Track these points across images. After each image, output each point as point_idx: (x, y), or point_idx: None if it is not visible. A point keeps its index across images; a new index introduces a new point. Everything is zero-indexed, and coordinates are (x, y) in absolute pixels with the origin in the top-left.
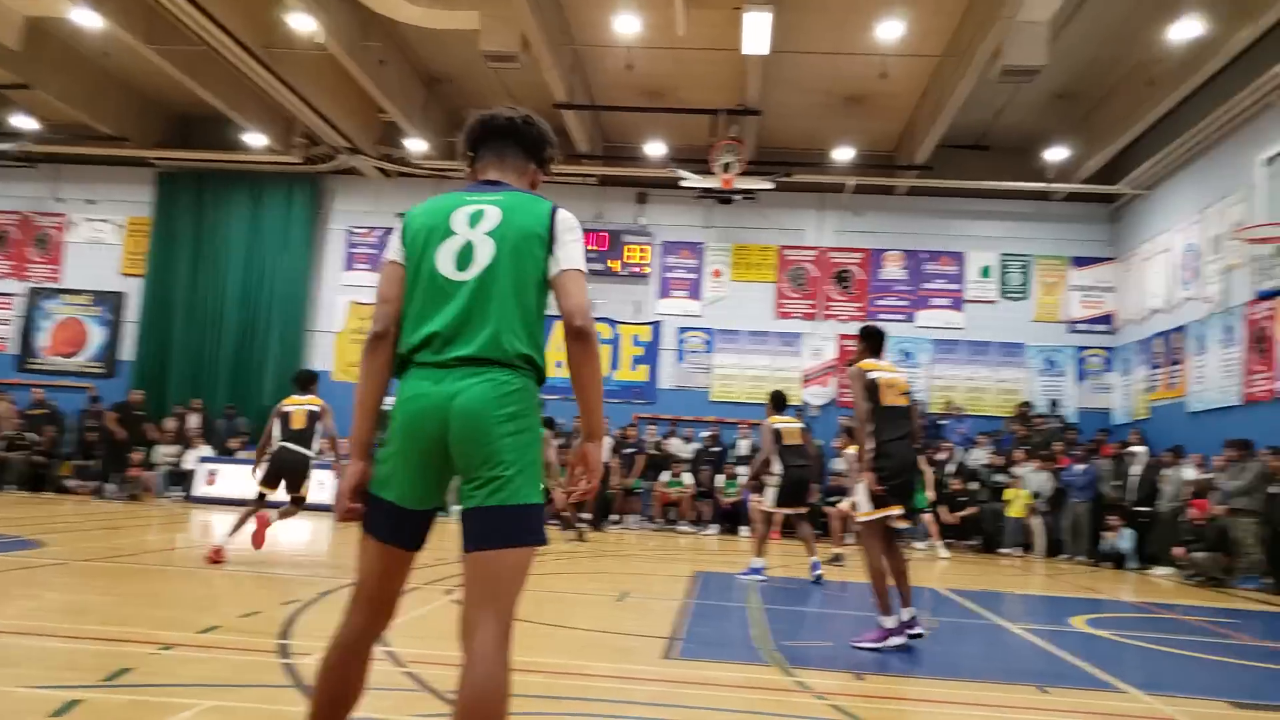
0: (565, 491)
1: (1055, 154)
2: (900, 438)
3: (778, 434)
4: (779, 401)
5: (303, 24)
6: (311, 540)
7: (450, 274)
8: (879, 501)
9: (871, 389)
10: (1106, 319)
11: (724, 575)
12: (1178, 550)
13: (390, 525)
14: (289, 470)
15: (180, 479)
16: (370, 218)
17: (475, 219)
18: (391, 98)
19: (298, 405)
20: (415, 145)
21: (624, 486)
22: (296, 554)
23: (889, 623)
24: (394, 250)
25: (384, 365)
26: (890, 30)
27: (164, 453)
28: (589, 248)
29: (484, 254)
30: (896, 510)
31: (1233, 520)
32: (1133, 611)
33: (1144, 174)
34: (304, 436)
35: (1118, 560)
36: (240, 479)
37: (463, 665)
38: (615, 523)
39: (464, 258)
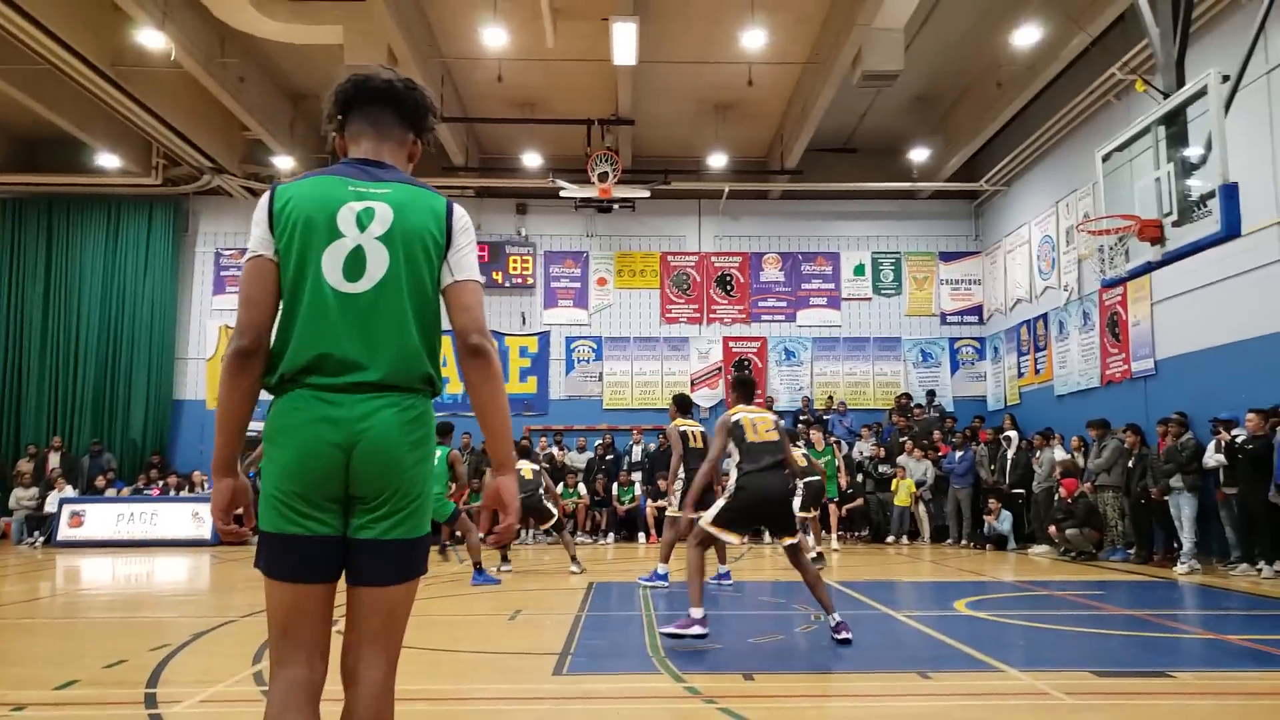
0: (482, 534)
1: (918, 154)
2: (764, 469)
3: (684, 436)
4: (683, 405)
5: (153, 40)
6: (189, 578)
7: (340, 286)
8: (723, 523)
9: (736, 430)
10: (976, 310)
11: (621, 585)
12: (1052, 529)
13: (296, 561)
14: None
15: (40, 523)
16: (239, 239)
17: (364, 219)
18: (255, 115)
19: None
20: (283, 163)
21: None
22: (168, 593)
23: (696, 612)
24: (261, 241)
25: (253, 384)
26: (754, 39)
27: (20, 496)
28: None
29: (377, 263)
30: (733, 538)
31: (1098, 496)
32: (1011, 591)
33: (1001, 171)
34: None
35: (999, 542)
36: (109, 519)
37: (348, 704)
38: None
39: (354, 266)
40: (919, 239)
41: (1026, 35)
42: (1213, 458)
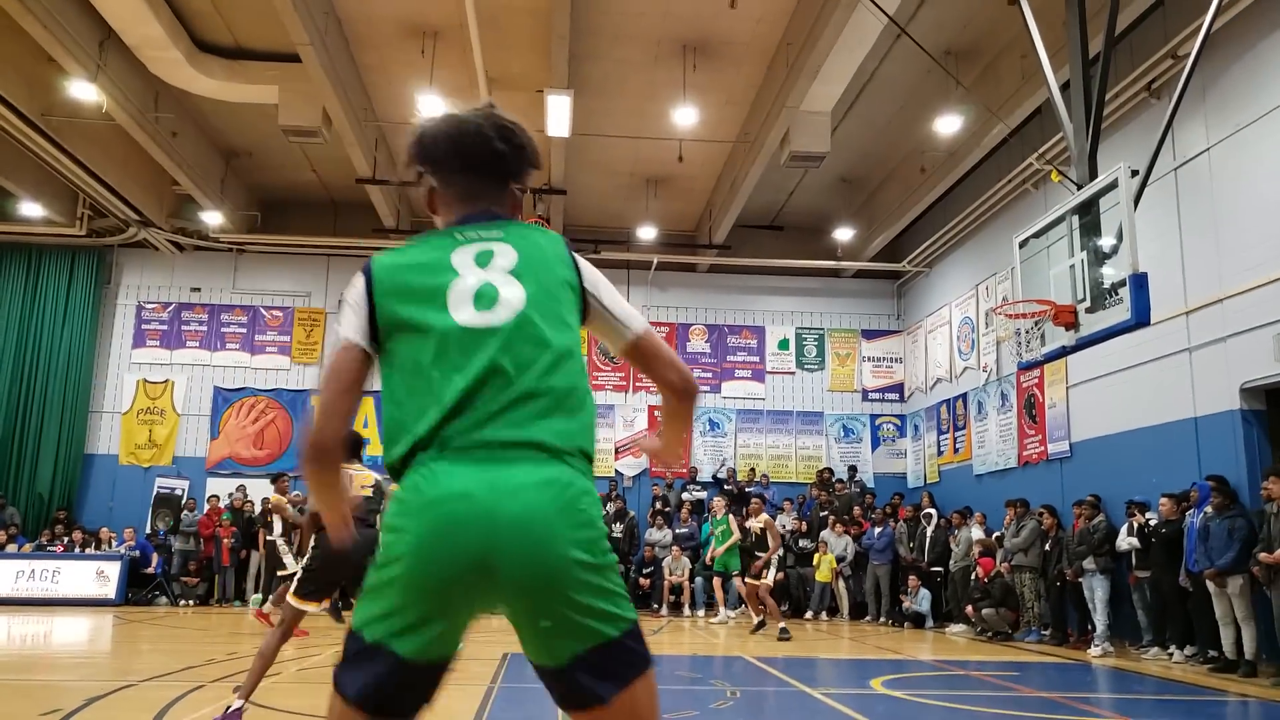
0: None
1: (843, 233)
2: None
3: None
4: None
5: (85, 93)
6: (89, 639)
7: (470, 321)
8: (304, 593)
9: None
10: (897, 388)
11: None
12: (969, 608)
13: (390, 688)
14: None
15: None
16: (162, 292)
17: (484, 258)
18: (186, 170)
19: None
20: (212, 218)
21: None
22: (66, 655)
23: (237, 703)
24: (354, 328)
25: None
26: (685, 116)
27: None
28: None
29: (512, 294)
30: (312, 607)
31: (1015, 576)
32: (929, 670)
33: (923, 253)
34: None
35: (917, 620)
36: (8, 576)
37: None
38: None
39: (485, 299)
40: (842, 316)
41: (948, 123)
42: (1125, 540)
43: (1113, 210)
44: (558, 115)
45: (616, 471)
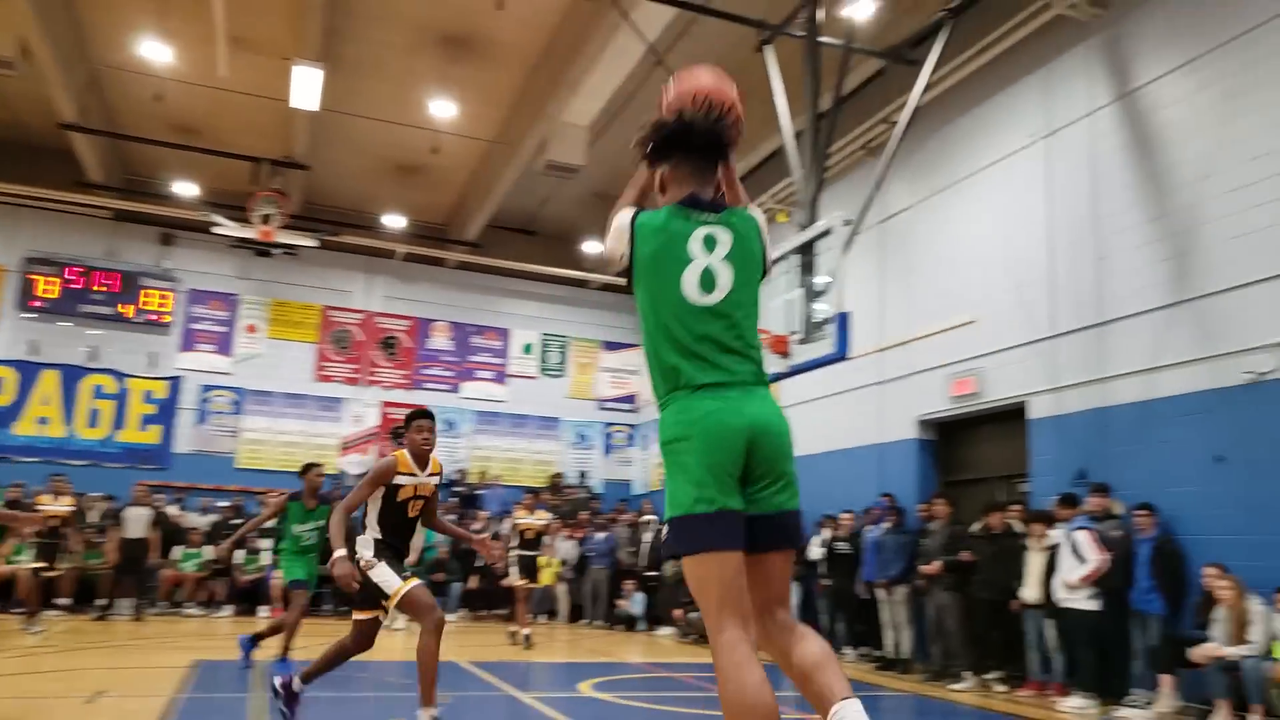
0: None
1: (592, 247)
2: None
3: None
4: None
5: None
6: None
7: (697, 299)
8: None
9: None
10: (631, 399)
11: (233, 664)
12: (677, 612)
13: (734, 532)
14: None
15: None
16: None
17: (710, 244)
18: None
19: None
20: None
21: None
22: None
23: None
24: (625, 240)
25: None
26: (443, 109)
27: None
28: (97, 288)
29: (725, 279)
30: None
31: None
32: (636, 673)
33: None
34: None
35: (630, 623)
36: None
37: (797, 647)
38: (104, 608)
39: (707, 282)
40: (586, 326)
41: None
42: (815, 551)
43: (828, 253)
44: (305, 88)
45: (341, 469)
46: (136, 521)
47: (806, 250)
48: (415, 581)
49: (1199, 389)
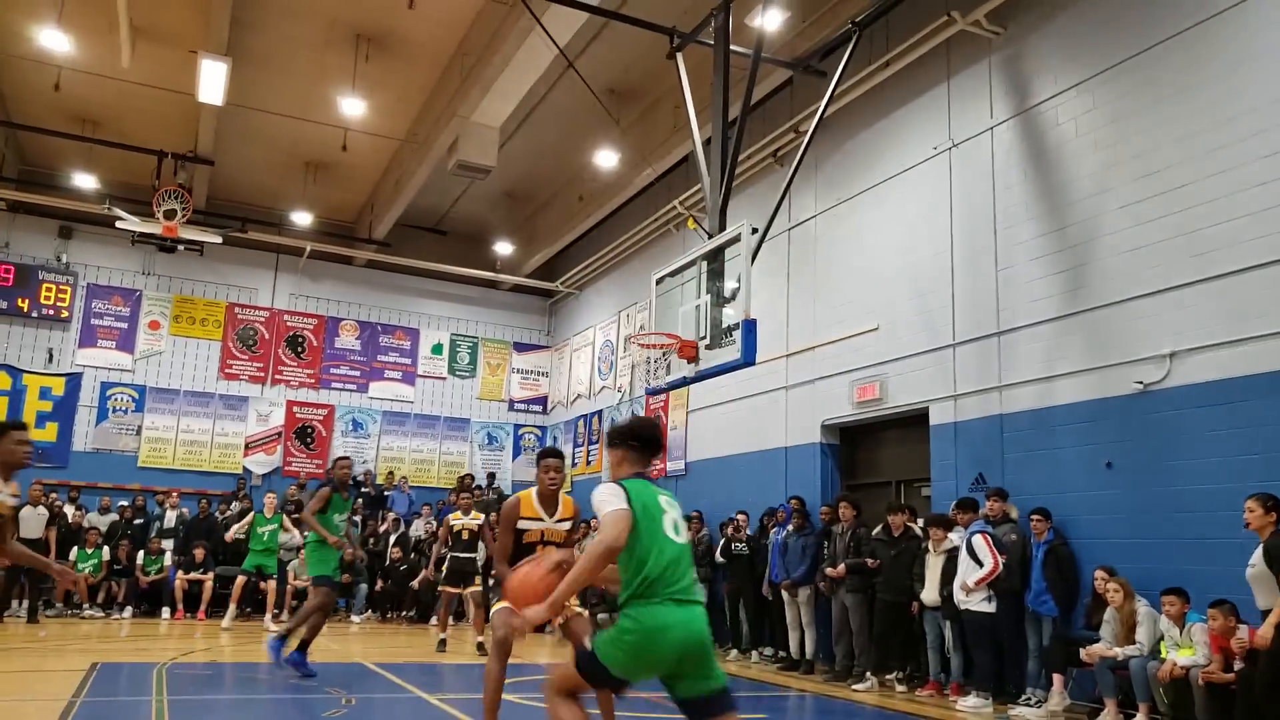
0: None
1: (503, 247)
2: None
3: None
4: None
5: None
6: None
7: (675, 538)
8: None
9: None
10: (541, 400)
11: (134, 665)
12: (603, 617)
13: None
14: None
15: None
16: None
17: (670, 505)
18: None
19: None
20: None
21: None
22: None
23: None
24: (623, 496)
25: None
26: (353, 107)
27: None
28: None
29: (683, 528)
30: None
31: None
32: (542, 674)
33: (575, 275)
34: None
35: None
36: None
37: None
38: None
39: (677, 529)
40: (497, 327)
41: (606, 158)
42: (720, 555)
43: (735, 261)
44: (211, 81)
45: (245, 469)
46: (33, 521)
47: (715, 257)
48: None
49: (1091, 398)
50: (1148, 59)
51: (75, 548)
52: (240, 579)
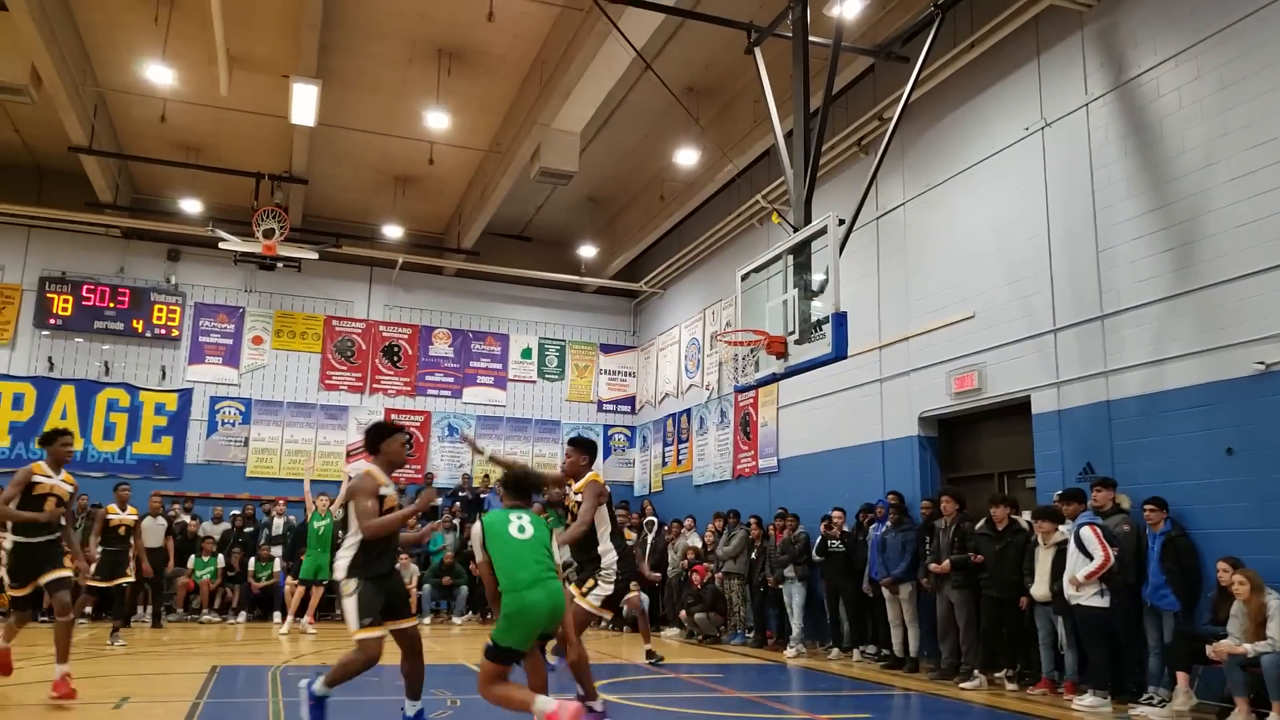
0: None
1: (587, 250)
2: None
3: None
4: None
5: None
6: None
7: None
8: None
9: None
10: (629, 401)
11: (250, 668)
12: (682, 612)
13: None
14: None
15: None
16: None
17: (519, 519)
18: None
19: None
20: None
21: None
22: None
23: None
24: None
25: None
26: (438, 120)
27: None
28: (109, 304)
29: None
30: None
31: (725, 583)
32: (643, 674)
33: (659, 275)
34: None
35: (636, 624)
36: None
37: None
38: (125, 616)
39: (522, 529)
40: (583, 329)
41: (687, 157)
42: (818, 551)
43: (822, 253)
44: (303, 104)
45: (348, 476)
46: (153, 532)
47: (801, 250)
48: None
49: (1206, 381)
50: (1255, 22)
51: (192, 555)
52: (298, 588)
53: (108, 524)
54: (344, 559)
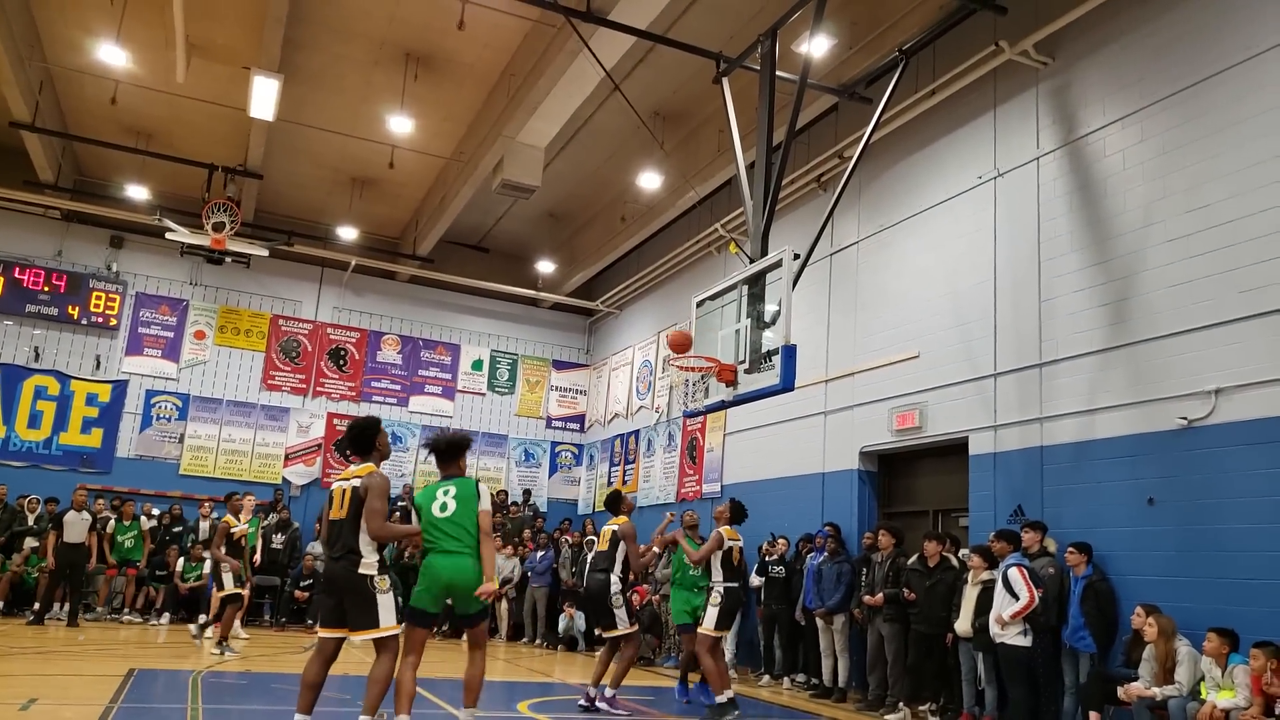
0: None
1: (545, 266)
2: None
3: (729, 552)
4: (738, 513)
5: None
6: None
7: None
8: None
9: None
10: (579, 419)
11: (170, 673)
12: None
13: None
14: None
15: None
16: None
17: (446, 491)
18: None
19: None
20: None
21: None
22: None
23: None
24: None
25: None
26: (401, 125)
27: None
28: (45, 288)
29: (451, 506)
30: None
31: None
32: (574, 694)
33: (615, 295)
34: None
35: (571, 643)
36: None
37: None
38: (39, 613)
39: (444, 507)
40: (536, 344)
41: (649, 180)
42: (755, 578)
43: (775, 285)
44: (263, 97)
45: (284, 479)
46: (76, 526)
47: (756, 281)
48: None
49: (1133, 432)
50: (1199, 91)
51: (181, 559)
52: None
53: (230, 537)
54: (372, 558)
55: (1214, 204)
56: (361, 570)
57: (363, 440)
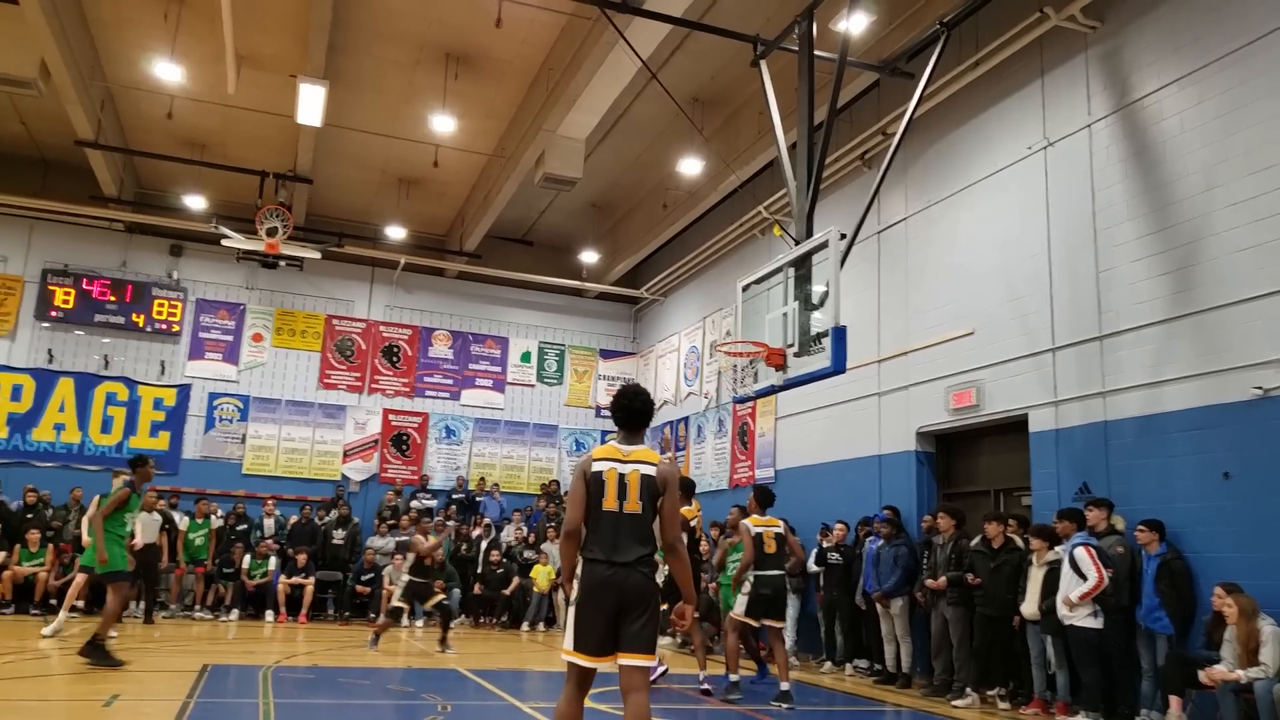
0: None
1: (589, 256)
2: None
3: (758, 539)
4: (765, 499)
5: None
6: None
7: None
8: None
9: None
10: None
11: (241, 668)
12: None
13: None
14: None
15: None
16: None
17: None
18: None
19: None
20: None
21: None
22: None
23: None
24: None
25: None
26: (443, 124)
27: None
28: (111, 298)
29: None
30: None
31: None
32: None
33: (660, 282)
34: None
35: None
36: None
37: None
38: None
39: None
40: (583, 334)
41: (690, 166)
42: (812, 564)
43: (822, 266)
44: (310, 104)
45: (343, 475)
46: (149, 527)
47: (802, 263)
48: None
49: (1203, 404)
50: (1259, 49)
51: (248, 556)
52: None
53: (418, 559)
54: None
55: (1278, 164)
56: (657, 581)
57: (645, 414)
